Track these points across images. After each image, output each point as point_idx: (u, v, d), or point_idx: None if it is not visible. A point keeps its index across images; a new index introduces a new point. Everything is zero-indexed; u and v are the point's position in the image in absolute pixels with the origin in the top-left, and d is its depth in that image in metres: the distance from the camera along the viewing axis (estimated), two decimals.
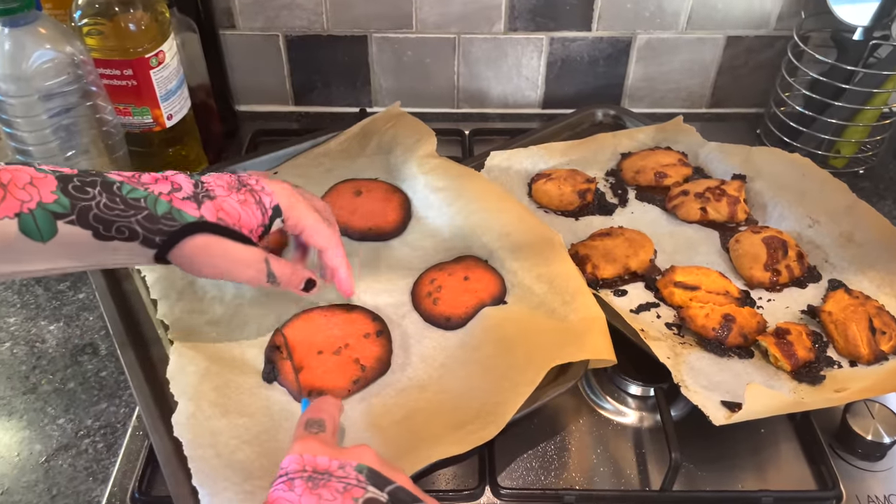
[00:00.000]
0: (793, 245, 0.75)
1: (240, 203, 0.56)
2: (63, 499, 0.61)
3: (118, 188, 0.51)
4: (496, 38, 1.00)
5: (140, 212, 0.51)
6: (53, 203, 0.49)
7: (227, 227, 0.55)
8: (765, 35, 1.00)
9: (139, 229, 0.51)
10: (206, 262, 0.55)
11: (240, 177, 0.58)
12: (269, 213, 0.57)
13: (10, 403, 0.68)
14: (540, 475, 0.62)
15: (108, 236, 0.51)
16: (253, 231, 0.57)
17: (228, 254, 0.55)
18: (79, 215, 0.49)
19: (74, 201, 0.49)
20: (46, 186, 0.49)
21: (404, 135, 0.86)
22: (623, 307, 0.69)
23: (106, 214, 0.50)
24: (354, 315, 0.68)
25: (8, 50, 0.69)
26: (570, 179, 0.82)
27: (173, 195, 0.53)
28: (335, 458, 0.45)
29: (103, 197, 0.50)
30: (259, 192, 0.57)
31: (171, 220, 0.52)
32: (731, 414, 0.58)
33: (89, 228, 0.50)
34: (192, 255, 0.54)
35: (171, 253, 0.54)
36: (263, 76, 1.04)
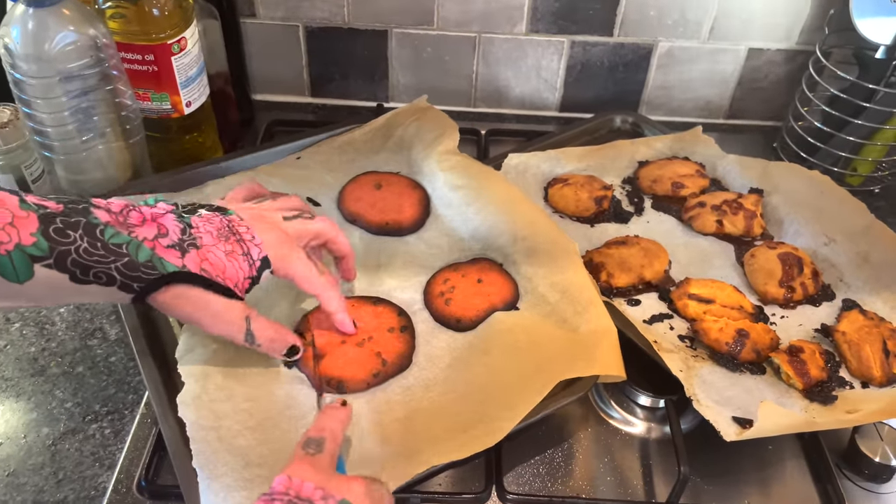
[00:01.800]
0: (808, 262, 0.74)
1: (226, 254, 0.55)
2: (69, 483, 0.61)
3: (101, 232, 0.50)
4: (517, 39, 0.99)
5: (120, 258, 0.50)
6: (32, 246, 0.48)
7: (209, 279, 0.54)
8: (787, 49, 0.99)
9: (117, 276, 0.50)
10: (184, 311, 0.54)
11: (231, 223, 0.56)
12: (258, 264, 0.56)
13: (17, 385, 0.68)
14: (546, 482, 0.62)
15: (86, 280, 0.50)
16: (238, 284, 0.55)
17: (208, 306, 0.54)
18: (56, 259, 0.48)
19: (54, 245, 0.48)
20: (27, 228, 0.48)
21: (427, 129, 0.86)
22: (636, 317, 0.69)
23: (85, 260, 0.49)
24: (381, 308, 0.68)
25: (31, 30, 0.68)
26: (587, 185, 0.82)
27: (157, 241, 0.52)
28: (321, 488, 0.44)
29: (84, 241, 0.49)
30: (248, 242, 0.56)
31: (152, 268, 0.51)
32: (742, 430, 0.58)
33: (66, 272, 0.49)
34: (171, 302, 0.53)
35: (150, 298, 0.53)
36: (281, 66, 1.03)
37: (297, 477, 0.45)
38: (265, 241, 0.57)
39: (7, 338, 0.72)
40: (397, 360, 0.64)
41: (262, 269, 0.57)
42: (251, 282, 0.56)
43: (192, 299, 0.54)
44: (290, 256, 0.59)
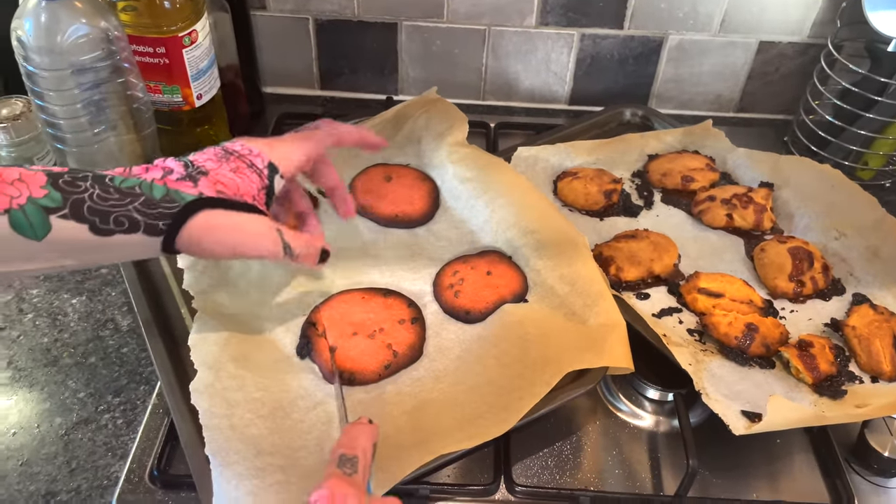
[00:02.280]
0: (818, 257, 0.74)
1: (233, 171, 0.55)
2: (82, 472, 0.61)
3: (110, 180, 0.50)
4: (527, 32, 0.99)
5: (136, 199, 0.50)
6: (44, 198, 0.47)
7: (228, 198, 0.53)
8: (798, 42, 0.99)
9: (139, 217, 0.49)
10: (217, 241, 0.53)
11: (224, 147, 0.57)
12: (266, 171, 0.56)
13: (31, 375, 0.69)
14: (555, 474, 0.63)
15: (107, 230, 0.49)
16: (256, 197, 0.55)
17: (238, 227, 0.53)
18: (72, 209, 0.47)
19: (66, 195, 0.47)
20: (36, 182, 0.47)
21: (436, 121, 0.86)
22: (645, 311, 0.69)
23: (101, 206, 0.48)
24: (391, 300, 0.68)
25: (44, 22, 0.69)
26: (597, 179, 0.82)
27: (167, 178, 0.52)
28: None
29: (96, 189, 0.49)
30: (247, 155, 0.56)
31: (171, 201, 0.50)
32: (751, 424, 0.58)
33: (85, 222, 0.48)
34: (201, 235, 0.52)
35: (179, 238, 0.51)
36: (291, 59, 1.04)
37: (340, 493, 0.43)
38: (263, 150, 0.57)
39: (20, 328, 0.73)
40: (408, 352, 0.64)
41: (271, 175, 0.57)
42: (266, 192, 0.56)
43: (222, 225, 0.53)
44: (288, 148, 0.58)
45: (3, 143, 0.76)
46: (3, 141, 0.76)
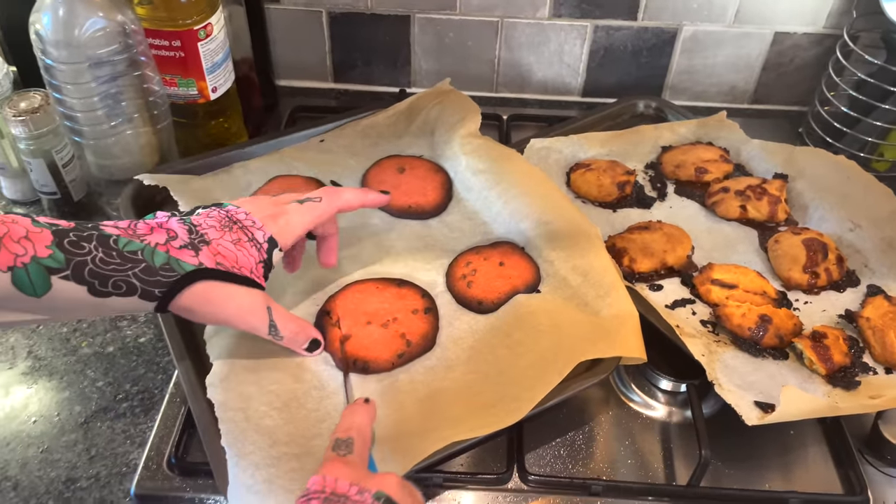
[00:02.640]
0: (833, 248, 0.74)
1: (234, 244, 0.55)
2: (101, 460, 0.62)
3: (114, 242, 0.51)
4: (540, 24, 0.99)
5: (137, 265, 0.51)
6: (48, 258, 0.48)
7: (226, 271, 0.54)
8: (813, 32, 0.98)
9: (137, 283, 0.51)
10: (208, 311, 0.55)
11: (229, 213, 0.57)
12: (265, 246, 0.57)
13: (51, 364, 0.70)
14: (567, 463, 0.63)
15: (105, 292, 0.50)
16: (253, 270, 0.56)
17: (230, 300, 0.55)
18: (74, 270, 0.49)
19: (70, 256, 0.49)
20: (42, 241, 0.48)
21: (449, 112, 0.86)
22: (658, 302, 0.69)
23: (102, 269, 0.49)
24: (405, 290, 0.69)
25: (62, 16, 0.70)
26: (610, 171, 0.82)
27: (170, 245, 0.53)
28: (356, 484, 0.45)
29: (99, 252, 0.50)
30: (250, 227, 0.57)
31: (170, 270, 0.52)
32: (764, 415, 0.58)
33: (84, 284, 0.49)
34: (193, 303, 0.53)
35: (172, 304, 0.53)
36: (304, 52, 1.04)
37: (332, 475, 0.45)
38: (263, 221, 0.58)
39: None
40: (421, 342, 0.65)
41: (270, 250, 0.57)
42: (264, 266, 0.57)
43: (214, 296, 0.54)
44: (288, 220, 0.59)
45: (22, 136, 0.77)
46: (22, 134, 0.76)
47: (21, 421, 0.65)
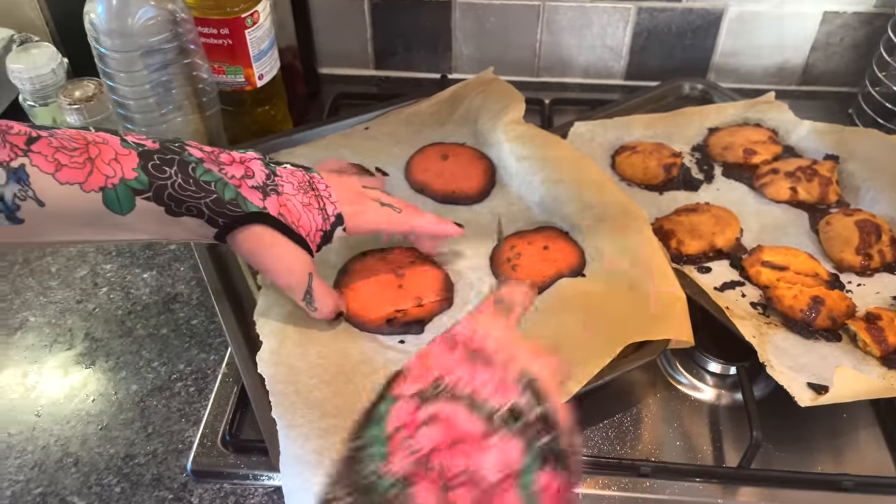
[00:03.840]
0: (886, 230, 0.72)
1: (303, 205, 0.58)
2: (158, 437, 0.64)
3: (193, 169, 0.54)
4: (582, 7, 0.98)
5: (209, 195, 0.54)
6: (134, 180, 0.51)
7: (285, 224, 0.57)
8: (864, 11, 0.96)
9: (206, 210, 0.54)
10: (256, 255, 0.57)
11: (312, 179, 0.60)
12: (332, 219, 0.59)
13: (107, 345, 0.72)
14: (615, 445, 0.63)
15: (179, 212, 0.53)
16: (311, 234, 0.58)
17: (278, 251, 0.57)
18: (155, 192, 0.52)
19: (153, 179, 0.52)
20: (129, 163, 0.51)
21: (493, 100, 0.86)
22: (707, 284, 0.68)
23: (178, 194, 0.53)
24: (427, 269, 0.70)
25: (115, 5, 0.71)
26: (656, 153, 0.81)
27: (244, 181, 0.55)
28: (503, 350, 0.41)
29: (178, 177, 0.53)
30: (325, 198, 0.59)
31: (236, 206, 0.55)
32: (817, 396, 0.57)
33: (162, 205, 0.52)
34: (248, 243, 0.56)
35: (230, 236, 0.56)
36: (346, 39, 1.05)
37: (482, 329, 0.42)
38: (340, 199, 0.60)
39: (96, 301, 0.76)
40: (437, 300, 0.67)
41: (335, 224, 0.60)
42: (322, 235, 0.59)
43: (266, 242, 0.57)
44: (363, 210, 0.61)
45: (77, 124, 0.79)
46: (77, 122, 0.79)
47: (80, 399, 0.67)
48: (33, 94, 0.81)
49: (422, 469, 0.34)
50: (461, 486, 0.34)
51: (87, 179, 0.50)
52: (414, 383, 0.38)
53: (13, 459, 0.63)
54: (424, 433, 0.36)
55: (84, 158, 0.50)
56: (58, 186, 0.49)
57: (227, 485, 0.61)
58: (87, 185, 0.50)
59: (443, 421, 0.36)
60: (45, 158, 0.49)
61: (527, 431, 0.37)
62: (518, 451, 0.36)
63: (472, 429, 0.36)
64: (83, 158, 0.50)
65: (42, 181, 0.48)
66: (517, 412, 0.38)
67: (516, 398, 0.38)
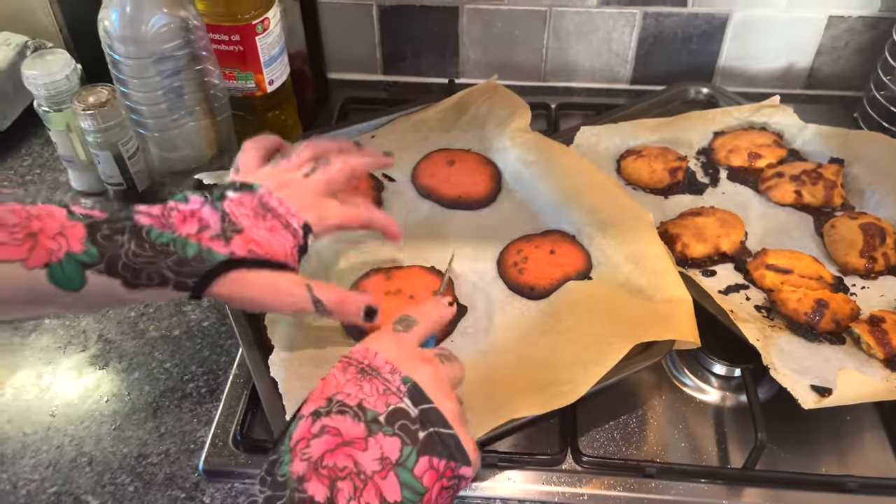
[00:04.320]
0: (891, 233, 0.73)
1: (268, 231, 0.55)
2: (171, 437, 0.65)
3: (147, 233, 0.51)
4: (588, 12, 0.99)
5: (169, 256, 0.51)
6: (82, 254, 0.49)
7: (258, 258, 0.54)
8: (869, 16, 0.96)
9: (170, 274, 0.51)
10: (247, 297, 0.55)
11: (261, 198, 0.56)
12: (300, 232, 0.57)
13: (120, 347, 0.73)
14: (621, 446, 0.64)
15: (138, 284, 0.51)
16: (288, 255, 0.56)
17: (263, 284, 0.55)
18: (107, 264, 0.50)
19: (103, 250, 0.50)
20: (76, 236, 0.49)
21: (499, 107, 0.87)
22: (712, 287, 0.69)
23: (134, 262, 0.50)
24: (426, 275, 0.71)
25: (128, 13, 0.72)
26: (661, 157, 0.82)
27: (201, 235, 0.53)
28: (391, 362, 0.46)
29: (131, 244, 0.51)
30: (284, 214, 0.56)
31: (201, 261, 0.52)
32: (820, 398, 0.58)
33: (118, 277, 0.50)
34: (228, 291, 0.54)
35: (208, 292, 0.53)
36: (355, 45, 1.06)
37: (375, 347, 0.47)
38: (299, 208, 0.57)
39: None
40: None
41: (305, 235, 0.57)
42: (299, 251, 0.57)
43: (250, 282, 0.54)
44: (325, 213, 0.59)
45: (91, 129, 0.80)
46: (91, 127, 0.80)
47: (94, 400, 0.69)
48: (48, 100, 0.83)
49: (314, 469, 0.41)
50: (346, 478, 0.41)
51: (28, 256, 0.48)
52: (312, 404, 0.45)
53: (28, 459, 0.64)
54: (316, 442, 0.43)
55: (25, 234, 0.48)
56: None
57: (238, 484, 0.62)
58: (29, 263, 0.48)
59: (330, 431, 0.43)
60: None
61: (407, 428, 0.44)
62: (396, 446, 0.43)
63: (355, 433, 0.43)
64: (24, 234, 0.48)
65: None
66: (399, 412, 0.44)
67: (398, 402, 0.45)
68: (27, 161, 0.95)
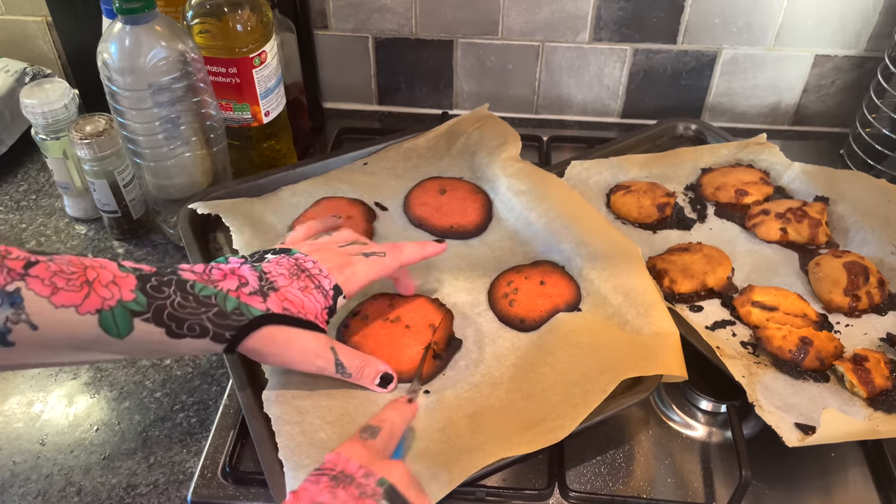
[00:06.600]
0: (874, 271, 0.74)
1: (301, 291, 0.59)
2: (160, 467, 0.65)
3: (191, 287, 0.54)
4: (580, 48, 1.01)
5: (211, 308, 0.54)
6: (132, 302, 0.52)
7: (292, 316, 0.57)
8: (854, 55, 0.98)
9: (210, 326, 0.54)
10: (274, 353, 0.58)
11: (298, 261, 0.60)
12: (331, 293, 0.60)
13: (111, 375, 0.73)
14: (608, 481, 0.64)
15: (181, 334, 0.53)
16: (318, 316, 0.59)
17: (293, 342, 0.58)
18: (154, 313, 0.52)
19: (151, 300, 0.52)
20: (127, 285, 0.52)
21: (490, 137, 0.89)
22: (699, 323, 0.70)
23: (179, 313, 0.53)
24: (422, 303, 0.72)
25: (127, 46, 0.73)
26: (650, 192, 0.84)
27: (241, 290, 0.56)
28: (364, 467, 0.48)
29: (177, 296, 0.53)
30: (317, 276, 0.60)
31: (240, 314, 0.55)
32: (804, 436, 0.58)
33: (163, 326, 0.53)
34: (260, 346, 0.57)
35: (241, 346, 0.56)
36: (351, 75, 1.08)
37: (346, 454, 0.49)
38: (330, 269, 0.61)
39: None
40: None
41: (335, 296, 0.61)
42: (328, 312, 0.60)
43: (280, 339, 0.57)
44: (354, 271, 0.62)
45: (87, 158, 0.81)
46: (87, 156, 0.81)
47: (84, 429, 0.69)
48: (45, 129, 0.84)
49: None
50: None
51: (83, 302, 0.50)
52: None
53: (17, 488, 0.64)
54: None
55: (81, 281, 0.50)
56: (52, 310, 0.49)
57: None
58: (82, 308, 0.50)
59: None
60: (41, 282, 0.49)
61: None
62: None
63: None
64: (80, 281, 0.50)
65: (37, 304, 0.48)
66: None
67: None
68: (23, 186, 0.96)
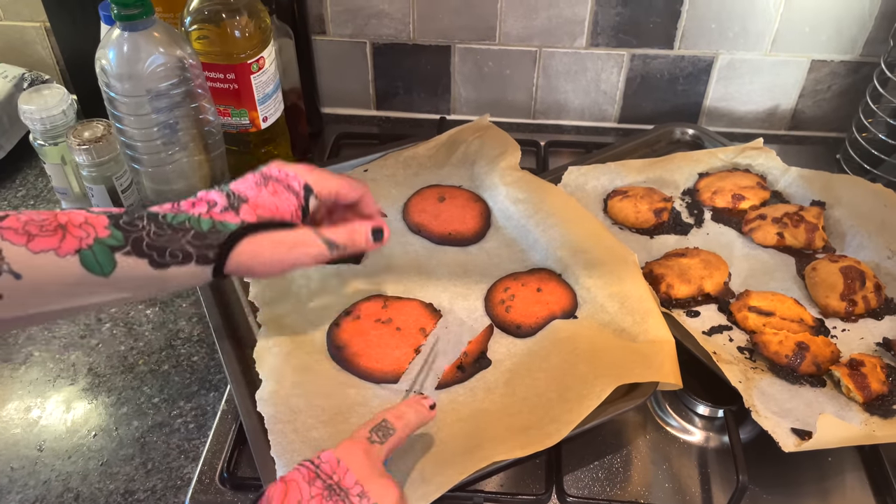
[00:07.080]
0: (871, 276, 0.74)
1: (271, 195, 0.59)
2: (157, 473, 0.65)
3: (163, 217, 0.55)
4: (577, 53, 1.01)
5: (187, 233, 0.55)
6: (109, 238, 0.52)
7: (268, 220, 0.58)
8: (850, 60, 0.99)
9: (191, 249, 0.55)
10: (265, 261, 0.58)
11: (262, 172, 0.61)
12: (302, 192, 0.60)
13: (109, 380, 0.73)
14: (605, 486, 0.64)
15: (164, 262, 0.54)
16: (293, 214, 0.59)
17: (281, 243, 0.58)
18: (133, 245, 0.53)
19: (126, 233, 0.53)
20: (100, 223, 0.53)
21: (489, 146, 0.89)
22: (695, 328, 0.70)
23: (157, 241, 0.54)
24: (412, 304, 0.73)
25: (125, 52, 0.73)
26: (647, 198, 0.84)
27: (212, 211, 0.57)
28: (361, 483, 0.48)
29: (151, 226, 0.54)
30: (284, 178, 0.60)
31: (217, 232, 0.56)
32: (800, 442, 0.59)
33: (145, 257, 0.53)
34: (247, 259, 0.57)
35: (228, 263, 0.56)
36: (349, 81, 1.08)
37: (346, 462, 0.48)
38: (298, 172, 0.61)
39: (99, 336, 0.78)
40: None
41: (307, 195, 0.60)
42: (302, 211, 0.60)
43: (267, 244, 0.57)
44: (324, 176, 0.62)
45: (85, 164, 0.81)
46: (85, 161, 0.81)
47: (82, 435, 0.69)
48: (43, 134, 0.84)
49: None
50: None
51: (60, 245, 0.50)
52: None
53: (15, 494, 0.64)
54: None
55: (55, 226, 0.51)
56: (32, 256, 0.49)
57: None
58: (61, 251, 0.50)
59: None
60: (14, 232, 0.49)
61: None
62: None
63: None
64: (54, 226, 0.51)
65: (15, 253, 0.49)
66: None
67: None
68: (21, 192, 0.96)
